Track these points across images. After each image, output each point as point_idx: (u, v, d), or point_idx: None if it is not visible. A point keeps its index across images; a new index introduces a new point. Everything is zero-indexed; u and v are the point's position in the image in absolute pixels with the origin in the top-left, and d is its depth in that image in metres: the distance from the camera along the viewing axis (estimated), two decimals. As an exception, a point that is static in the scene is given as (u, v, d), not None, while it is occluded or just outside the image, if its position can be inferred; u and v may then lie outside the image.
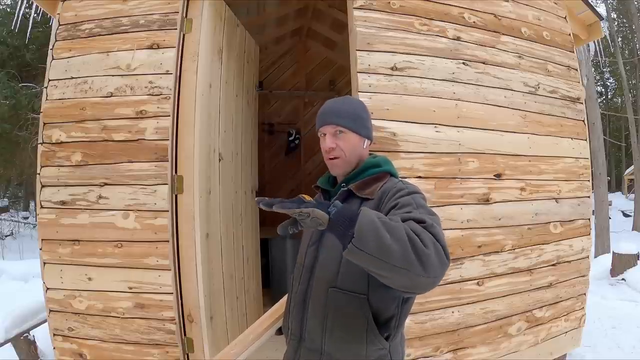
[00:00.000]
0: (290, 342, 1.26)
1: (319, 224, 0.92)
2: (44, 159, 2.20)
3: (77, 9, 2.30)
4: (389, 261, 0.88)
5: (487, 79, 2.39)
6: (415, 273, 0.88)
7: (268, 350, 1.60)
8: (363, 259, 0.90)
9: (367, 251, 0.88)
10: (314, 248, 1.25)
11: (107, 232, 2.11)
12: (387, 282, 0.94)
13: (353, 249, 0.89)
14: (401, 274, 0.89)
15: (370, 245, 0.88)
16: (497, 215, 2.33)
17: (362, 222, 0.90)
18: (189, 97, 2.17)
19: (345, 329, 1.14)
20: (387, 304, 1.14)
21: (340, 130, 1.24)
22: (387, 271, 0.90)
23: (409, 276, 0.89)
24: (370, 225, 0.89)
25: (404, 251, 0.88)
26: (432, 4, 2.36)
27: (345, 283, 1.15)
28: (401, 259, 0.88)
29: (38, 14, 8.48)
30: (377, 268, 0.91)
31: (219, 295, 2.37)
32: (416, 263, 0.88)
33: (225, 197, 2.55)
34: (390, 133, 2.14)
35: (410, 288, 0.95)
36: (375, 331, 1.13)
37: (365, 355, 1.13)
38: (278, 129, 4.89)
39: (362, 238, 0.88)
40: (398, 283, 0.93)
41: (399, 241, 0.89)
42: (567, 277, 2.58)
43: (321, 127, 1.27)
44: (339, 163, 1.25)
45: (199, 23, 2.24)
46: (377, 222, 0.90)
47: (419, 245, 0.89)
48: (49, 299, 2.16)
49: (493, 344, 2.33)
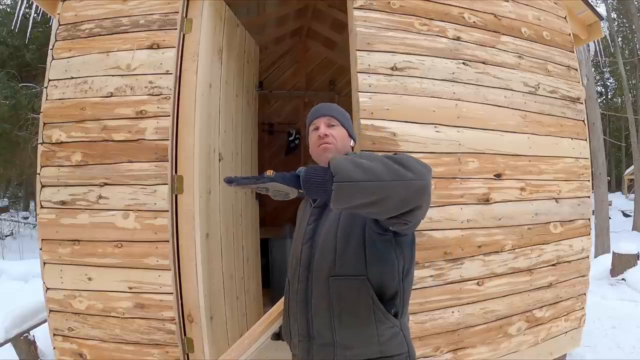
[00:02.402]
0: (299, 344, 1.25)
1: (285, 193, 0.97)
2: (44, 159, 2.20)
3: (77, 9, 2.30)
4: (377, 179, 0.88)
5: (487, 79, 2.39)
6: (406, 178, 0.89)
7: (268, 350, 1.59)
8: (352, 191, 0.88)
9: (353, 179, 0.87)
10: (308, 245, 1.25)
11: (107, 232, 2.11)
12: (384, 208, 0.93)
13: (339, 185, 0.87)
14: (394, 186, 0.89)
15: (354, 174, 0.87)
16: (497, 215, 2.33)
17: (335, 161, 0.92)
18: (189, 97, 2.17)
19: (353, 314, 1.16)
20: (388, 280, 1.17)
21: (333, 122, 1.32)
22: (380, 192, 0.89)
23: (404, 185, 0.89)
24: (344, 160, 0.92)
25: (384, 165, 0.90)
26: (432, 4, 2.35)
27: (343, 269, 1.17)
28: (387, 172, 0.89)
29: (38, 14, 8.48)
30: (369, 194, 0.89)
31: (219, 295, 2.37)
32: (402, 170, 0.90)
33: (225, 197, 2.55)
34: (390, 133, 2.14)
35: (411, 197, 0.92)
36: (382, 308, 1.15)
37: (377, 335, 1.14)
38: (278, 129, 4.89)
39: (342, 171, 0.88)
40: (396, 198, 0.91)
41: (376, 160, 0.93)
42: (567, 277, 2.58)
43: (314, 120, 1.33)
44: (331, 148, 1.29)
45: (199, 23, 2.24)
46: (349, 157, 0.94)
47: (396, 157, 0.95)
48: (49, 299, 2.16)
49: (493, 344, 2.33)
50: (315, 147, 1.30)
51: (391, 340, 1.16)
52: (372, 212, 0.97)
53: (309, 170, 0.95)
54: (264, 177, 0.96)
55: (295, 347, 1.29)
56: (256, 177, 0.98)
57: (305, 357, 1.24)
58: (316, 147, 1.30)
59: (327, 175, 0.90)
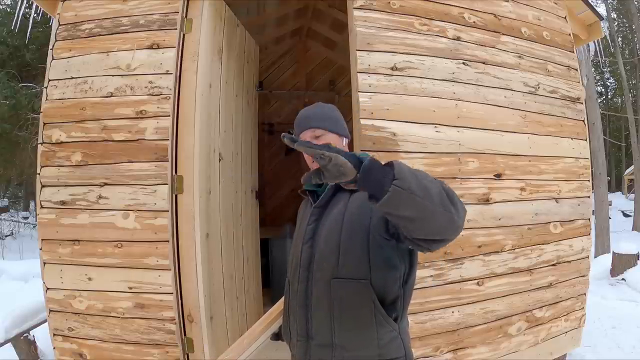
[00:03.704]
0: (297, 343, 1.25)
1: (342, 173, 0.89)
2: (44, 159, 2.20)
3: (77, 9, 2.30)
4: (428, 200, 0.89)
5: (487, 79, 2.39)
6: (450, 212, 0.92)
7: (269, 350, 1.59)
8: (404, 201, 0.88)
9: (410, 190, 0.87)
10: (308, 245, 1.25)
11: (107, 232, 2.11)
12: (420, 228, 0.94)
13: (397, 190, 0.86)
14: (439, 213, 0.91)
15: (412, 185, 0.88)
16: (497, 215, 2.33)
17: (399, 166, 0.89)
18: (189, 97, 2.17)
19: (353, 316, 1.16)
20: (390, 285, 1.16)
21: (318, 133, 1.29)
22: (426, 212, 0.90)
23: (446, 216, 0.92)
24: (407, 168, 0.91)
25: (439, 191, 0.92)
26: (432, 4, 2.36)
27: (346, 272, 1.16)
28: (439, 198, 0.91)
29: (38, 14, 8.48)
30: (416, 210, 0.90)
31: (219, 295, 2.37)
32: (449, 203, 0.92)
33: (225, 197, 2.55)
34: (390, 133, 2.14)
35: (444, 230, 0.95)
36: (382, 312, 1.15)
37: (377, 339, 1.15)
38: (278, 129, 4.89)
39: (405, 179, 0.87)
40: (435, 225, 0.94)
41: (433, 182, 0.93)
42: (567, 277, 2.58)
43: (301, 134, 1.30)
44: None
45: (199, 23, 2.24)
46: (410, 168, 0.92)
47: (447, 188, 0.95)
48: (49, 299, 2.16)
49: (493, 344, 2.33)
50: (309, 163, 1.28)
51: (390, 344, 1.16)
52: (408, 227, 0.96)
53: (373, 161, 0.91)
54: (330, 147, 0.90)
55: (294, 347, 1.29)
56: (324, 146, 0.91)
57: (302, 357, 1.24)
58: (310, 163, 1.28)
59: (388, 175, 0.88)
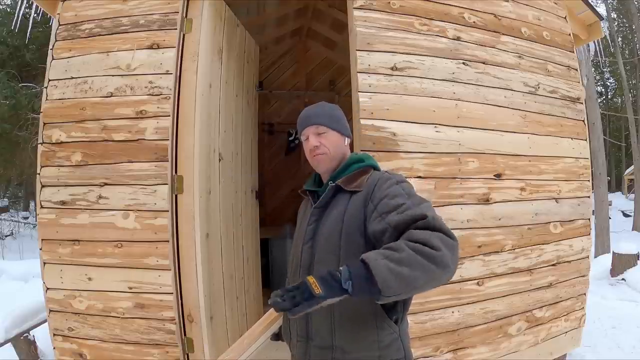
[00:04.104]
0: (297, 344, 1.25)
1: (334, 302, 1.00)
2: (44, 159, 2.20)
3: (77, 9, 2.30)
4: (417, 286, 0.98)
5: (487, 79, 2.39)
6: (440, 276, 0.99)
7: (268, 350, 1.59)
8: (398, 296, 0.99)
9: (397, 293, 0.96)
10: (308, 246, 1.25)
11: (107, 232, 2.11)
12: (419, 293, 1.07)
13: (385, 299, 0.97)
14: (430, 284, 1.00)
15: (397, 288, 0.95)
16: (497, 215, 2.33)
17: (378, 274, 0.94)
18: (189, 97, 2.17)
19: (354, 318, 1.16)
20: None
21: (321, 130, 1.31)
22: (417, 291, 1.03)
23: (437, 281, 1.01)
24: (386, 272, 0.95)
25: (424, 270, 0.97)
26: (432, 4, 2.36)
27: None
28: (425, 276, 0.97)
29: (38, 14, 8.47)
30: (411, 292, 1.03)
31: (219, 295, 2.37)
32: (437, 270, 0.98)
33: (225, 197, 2.55)
34: (390, 133, 2.14)
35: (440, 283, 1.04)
36: (383, 315, 1.15)
37: (377, 341, 1.15)
38: (278, 129, 4.89)
39: (388, 288, 0.94)
40: (429, 289, 1.05)
41: (415, 265, 0.96)
42: (567, 277, 2.58)
43: (303, 130, 1.33)
44: (325, 159, 1.30)
45: (199, 23, 2.24)
46: (389, 264, 0.96)
47: (432, 254, 0.97)
48: (49, 299, 2.16)
49: (493, 344, 2.33)
50: (310, 158, 1.33)
51: (390, 346, 1.16)
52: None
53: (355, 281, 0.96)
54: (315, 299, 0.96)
55: (294, 347, 1.29)
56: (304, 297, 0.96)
57: (302, 358, 1.24)
58: (311, 158, 1.33)
59: (375, 288, 0.95)
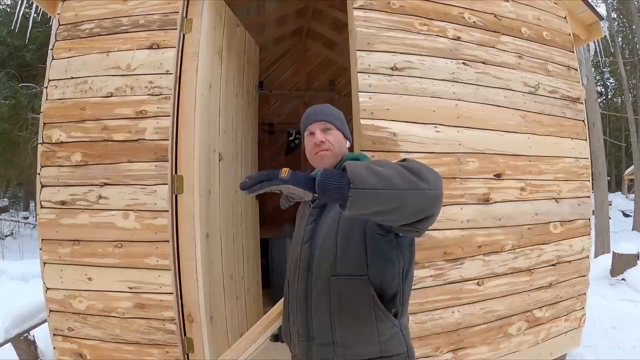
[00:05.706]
0: (298, 344, 1.26)
1: (300, 196, 0.96)
2: (44, 159, 2.20)
3: (77, 9, 2.30)
4: (393, 187, 0.88)
5: (487, 79, 2.39)
6: (420, 188, 0.90)
7: (268, 351, 1.60)
8: (369, 199, 0.87)
9: (370, 187, 0.86)
10: (307, 246, 1.26)
11: (107, 232, 2.11)
12: (399, 216, 0.93)
13: (356, 192, 0.86)
14: (410, 195, 0.90)
15: (370, 181, 0.87)
16: (497, 215, 2.33)
17: (352, 167, 0.90)
18: (189, 97, 2.17)
19: (353, 313, 1.16)
20: (388, 280, 1.17)
21: (328, 126, 1.31)
22: (396, 200, 0.89)
23: (418, 194, 0.90)
24: (360, 166, 0.91)
25: (400, 174, 0.90)
26: (432, 4, 2.36)
27: (344, 269, 1.17)
28: (402, 181, 0.89)
29: (38, 14, 8.49)
30: (385, 202, 0.89)
31: (219, 295, 2.37)
32: (416, 180, 0.91)
33: (225, 197, 2.55)
34: (390, 133, 2.14)
35: (423, 208, 0.94)
36: (382, 308, 1.15)
37: (377, 335, 1.15)
38: (278, 129, 4.89)
39: (359, 178, 0.87)
40: (411, 207, 0.92)
41: (392, 168, 0.92)
42: (567, 277, 2.58)
43: (309, 126, 1.32)
44: (329, 154, 1.29)
45: (199, 23, 2.24)
46: (365, 163, 0.93)
47: (410, 165, 0.94)
48: (49, 299, 2.16)
49: (493, 344, 2.33)
50: (313, 154, 1.30)
51: (391, 340, 1.17)
52: (385, 220, 0.97)
53: (325, 173, 0.93)
54: (278, 179, 0.94)
55: (294, 348, 1.29)
56: (269, 178, 0.94)
57: (304, 357, 1.24)
58: (313, 154, 1.30)
59: (344, 180, 0.89)
